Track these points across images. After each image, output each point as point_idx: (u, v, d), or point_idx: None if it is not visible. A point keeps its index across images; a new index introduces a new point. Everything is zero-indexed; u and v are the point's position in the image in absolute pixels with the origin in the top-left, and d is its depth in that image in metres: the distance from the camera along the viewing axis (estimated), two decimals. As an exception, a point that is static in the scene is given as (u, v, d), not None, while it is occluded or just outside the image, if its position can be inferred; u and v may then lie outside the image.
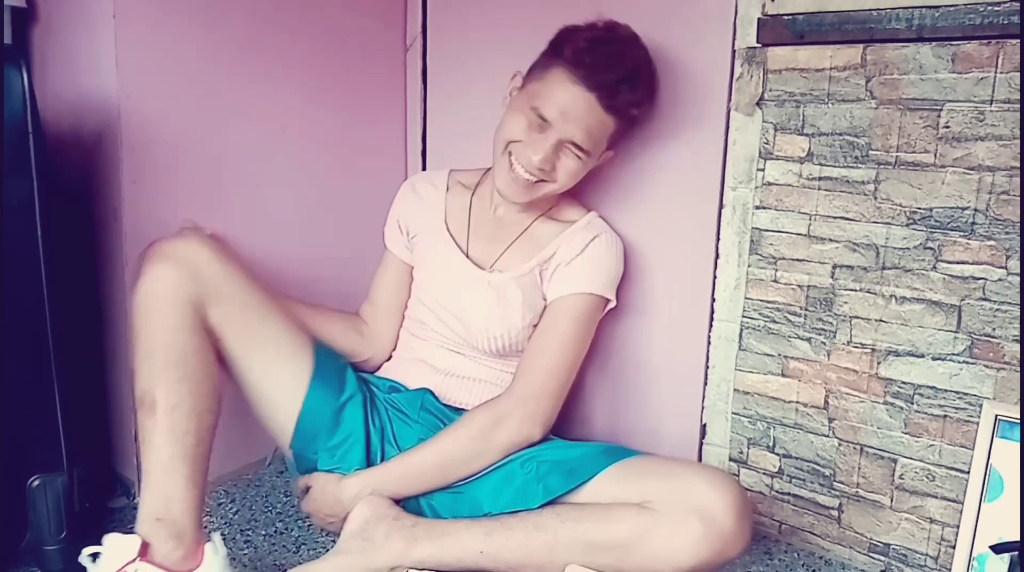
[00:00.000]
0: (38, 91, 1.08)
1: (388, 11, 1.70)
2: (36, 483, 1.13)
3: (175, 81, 1.36)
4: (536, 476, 1.14)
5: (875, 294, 1.26)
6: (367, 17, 1.65)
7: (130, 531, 1.33)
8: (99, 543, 1.29)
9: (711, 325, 1.44)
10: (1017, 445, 1.13)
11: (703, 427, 1.48)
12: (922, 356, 1.24)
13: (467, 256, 1.36)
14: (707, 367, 1.45)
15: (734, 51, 1.33)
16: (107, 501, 1.42)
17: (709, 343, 1.44)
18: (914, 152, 1.20)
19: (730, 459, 1.45)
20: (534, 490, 1.12)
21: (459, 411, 1.29)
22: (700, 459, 1.49)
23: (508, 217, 1.37)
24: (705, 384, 1.46)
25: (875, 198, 1.24)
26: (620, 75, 1.20)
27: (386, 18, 1.70)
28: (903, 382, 1.26)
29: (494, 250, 1.36)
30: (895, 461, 1.29)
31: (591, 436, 1.55)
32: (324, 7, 1.56)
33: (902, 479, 1.28)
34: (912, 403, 1.26)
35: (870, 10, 1.19)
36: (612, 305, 1.36)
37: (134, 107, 1.30)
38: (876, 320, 1.27)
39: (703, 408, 1.47)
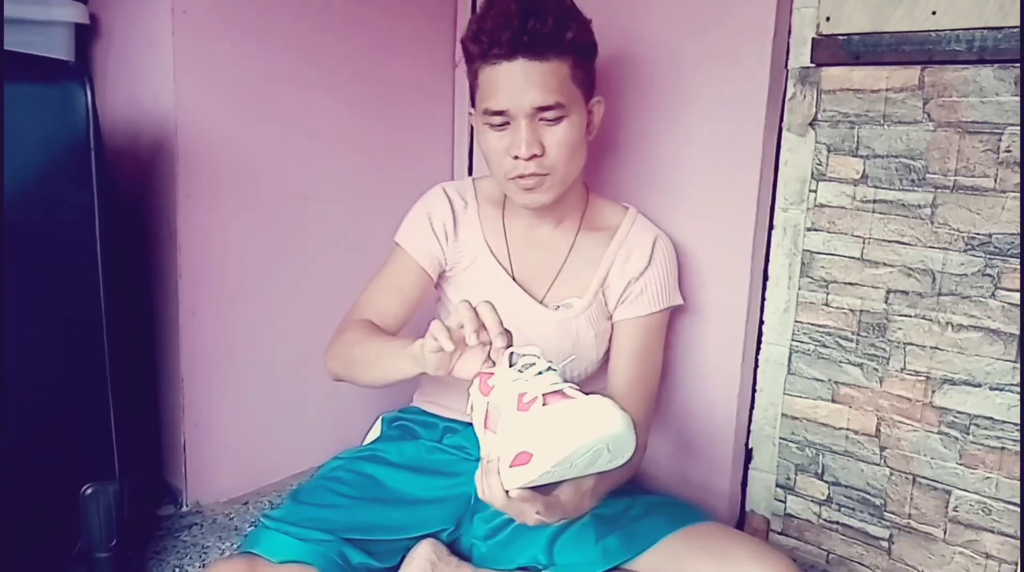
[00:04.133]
0: (97, 105, 1.11)
1: (438, 28, 1.72)
2: (89, 491, 1.16)
3: (231, 97, 1.39)
4: (595, 533, 1.07)
5: (931, 321, 1.23)
6: (416, 36, 1.67)
7: (178, 540, 1.36)
8: (147, 550, 1.32)
9: (759, 348, 1.41)
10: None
11: (749, 451, 1.45)
12: (979, 385, 1.20)
13: (521, 286, 1.25)
14: (754, 390, 1.43)
15: (787, 71, 1.32)
16: (156, 509, 1.45)
17: (757, 366, 1.42)
18: (973, 176, 1.17)
19: (777, 485, 1.43)
20: (591, 550, 1.06)
21: None
22: (745, 484, 1.46)
23: (549, 236, 1.27)
24: (752, 408, 1.44)
25: (932, 222, 1.21)
26: (519, 18, 1.07)
27: (435, 37, 1.72)
28: (959, 412, 1.23)
29: (543, 276, 1.26)
30: (949, 493, 1.25)
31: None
32: (374, 25, 1.58)
33: (956, 512, 1.25)
34: (968, 433, 1.22)
35: (929, 31, 1.16)
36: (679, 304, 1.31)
37: (190, 122, 1.33)
38: (931, 347, 1.23)
39: (749, 432, 1.45)
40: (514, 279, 1.25)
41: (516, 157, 1.13)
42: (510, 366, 0.89)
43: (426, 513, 1.15)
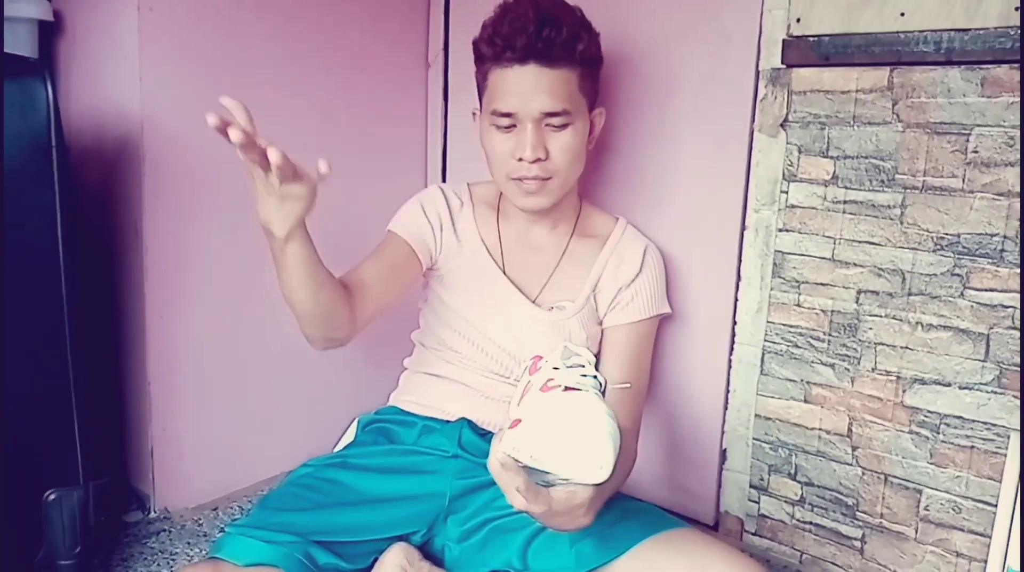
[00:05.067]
0: (62, 103, 1.08)
1: (410, 29, 1.71)
2: (52, 497, 1.13)
3: (200, 96, 1.36)
4: (569, 538, 1.05)
5: (901, 321, 1.24)
6: (389, 34, 1.66)
7: (145, 546, 1.34)
8: (113, 558, 1.30)
9: (732, 348, 1.41)
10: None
11: (723, 452, 1.45)
12: (949, 385, 1.21)
13: (514, 285, 1.27)
14: (728, 391, 1.43)
15: (758, 72, 1.32)
16: (122, 515, 1.42)
17: (730, 367, 1.42)
18: (941, 177, 1.17)
19: (751, 485, 1.43)
20: (565, 554, 1.05)
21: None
22: (720, 485, 1.46)
23: (542, 240, 1.30)
24: (725, 408, 1.44)
25: (901, 223, 1.22)
26: (535, 25, 1.12)
27: (408, 36, 1.71)
28: (929, 411, 1.23)
29: (536, 278, 1.29)
30: (920, 492, 1.26)
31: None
32: (346, 24, 1.56)
33: (927, 510, 1.25)
34: (938, 433, 1.23)
35: (897, 32, 1.17)
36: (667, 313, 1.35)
37: (157, 121, 1.31)
38: (902, 347, 1.24)
39: (723, 433, 1.45)
40: (507, 278, 1.27)
41: (520, 159, 1.17)
42: (562, 358, 0.97)
43: (398, 513, 1.14)
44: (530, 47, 1.13)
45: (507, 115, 1.16)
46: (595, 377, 0.95)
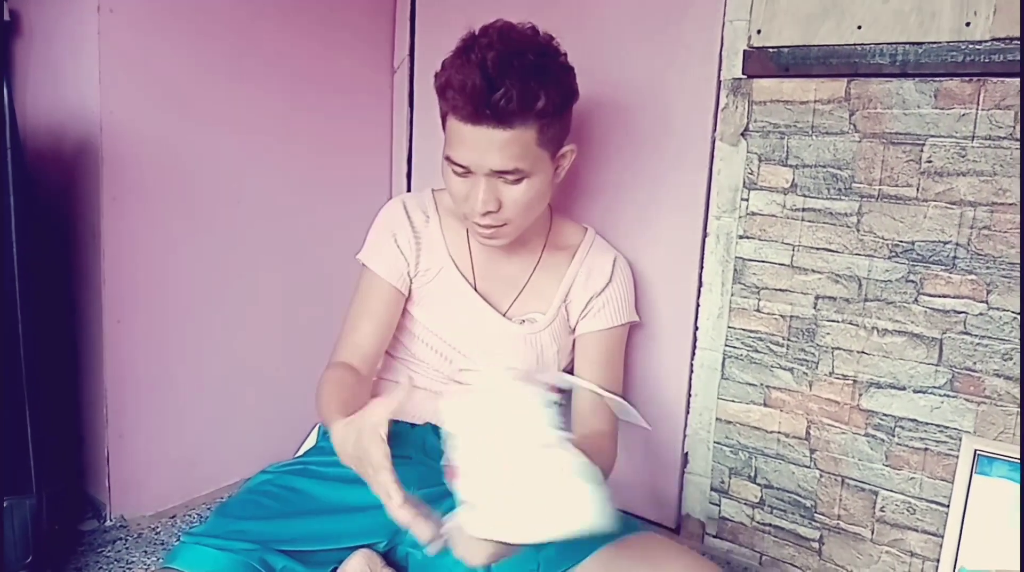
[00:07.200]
0: (19, 105, 1.06)
1: (375, 33, 1.71)
2: (4, 505, 1.10)
3: (161, 98, 1.35)
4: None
5: (857, 326, 1.26)
6: (354, 39, 1.65)
7: (101, 555, 1.31)
8: (66, 567, 1.27)
9: (694, 353, 1.43)
10: (994, 480, 1.13)
11: (685, 456, 1.47)
12: (903, 388, 1.24)
13: (484, 299, 1.26)
14: (689, 395, 1.45)
15: (719, 82, 1.34)
16: (77, 524, 1.39)
17: (691, 371, 1.44)
18: (897, 186, 1.21)
19: (711, 488, 1.44)
20: (530, 560, 1.05)
21: None
22: (681, 488, 1.48)
23: (515, 253, 1.28)
24: (687, 412, 1.46)
25: (858, 230, 1.25)
26: (483, 92, 1.03)
27: (373, 40, 1.70)
28: (884, 414, 1.26)
29: (507, 290, 1.28)
30: (876, 493, 1.28)
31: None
32: (311, 28, 1.56)
33: (883, 512, 1.28)
34: (893, 435, 1.26)
35: (854, 45, 1.20)
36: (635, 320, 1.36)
37: (116, 123, 1.29)
38: (858, 352, 1.27)
39: (685, 436, 1.47)
40: (477, 291, 1.26)
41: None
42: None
43: (359, 522, 1.13)
44: (479, 113, 1.05)
45: (460, 166, 1.12)
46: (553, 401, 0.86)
